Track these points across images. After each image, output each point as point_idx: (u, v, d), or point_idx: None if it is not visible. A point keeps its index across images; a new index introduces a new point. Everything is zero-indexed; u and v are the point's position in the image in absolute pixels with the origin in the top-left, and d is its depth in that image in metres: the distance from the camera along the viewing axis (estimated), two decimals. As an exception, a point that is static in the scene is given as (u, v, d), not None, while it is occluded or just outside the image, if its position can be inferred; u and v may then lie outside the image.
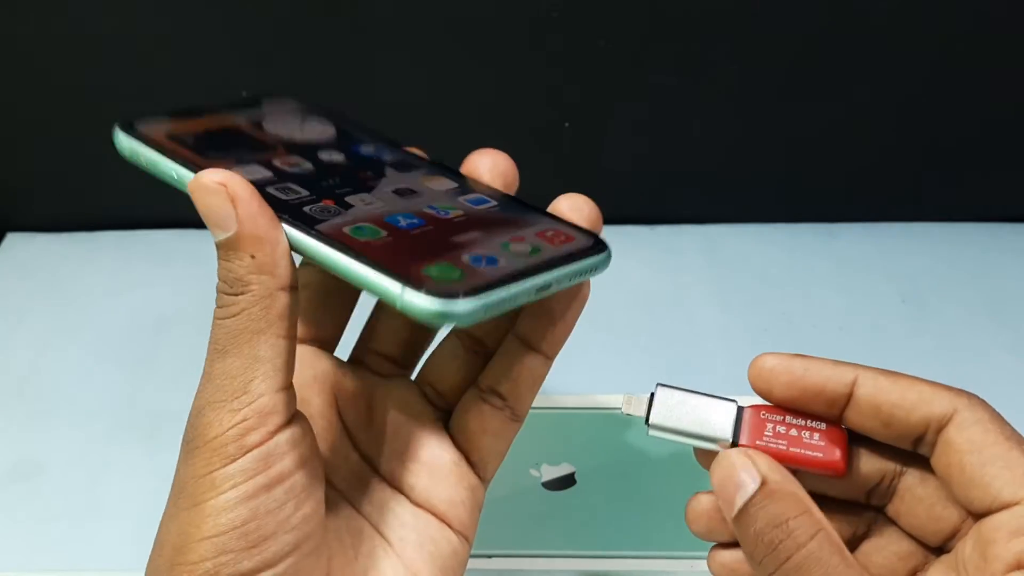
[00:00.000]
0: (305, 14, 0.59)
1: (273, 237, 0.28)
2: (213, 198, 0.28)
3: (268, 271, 0.28)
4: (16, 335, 0.58)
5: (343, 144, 0.35)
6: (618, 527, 0.44)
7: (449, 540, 0.32)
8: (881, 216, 0.66)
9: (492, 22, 0.59)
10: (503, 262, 0.29)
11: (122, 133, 0.33)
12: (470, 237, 0.30)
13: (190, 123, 0.34)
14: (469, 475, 0.33)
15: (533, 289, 0.28)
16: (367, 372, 0.35)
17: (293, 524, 0.28)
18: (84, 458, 0.50)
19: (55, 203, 0.65)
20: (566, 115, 0.62)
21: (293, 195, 0.31)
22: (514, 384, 0.32)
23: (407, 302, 0.26)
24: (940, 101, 0.62)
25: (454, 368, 0.34)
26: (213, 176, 0.28)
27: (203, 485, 0.28)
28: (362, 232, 0.29)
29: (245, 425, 0.28)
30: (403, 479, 0.33)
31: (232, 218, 0.28)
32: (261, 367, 0.28)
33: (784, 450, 0.30)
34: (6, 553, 0.46)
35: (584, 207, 0.32)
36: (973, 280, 0.62)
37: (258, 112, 0.37)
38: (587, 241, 0.30)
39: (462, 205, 0.32)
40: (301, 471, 0.29)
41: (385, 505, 0.33)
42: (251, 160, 0.33)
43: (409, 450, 0.33)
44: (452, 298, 0.26)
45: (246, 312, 0.28)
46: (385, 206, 0.31)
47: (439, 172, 0.34)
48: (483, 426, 0.33)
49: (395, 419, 0.34)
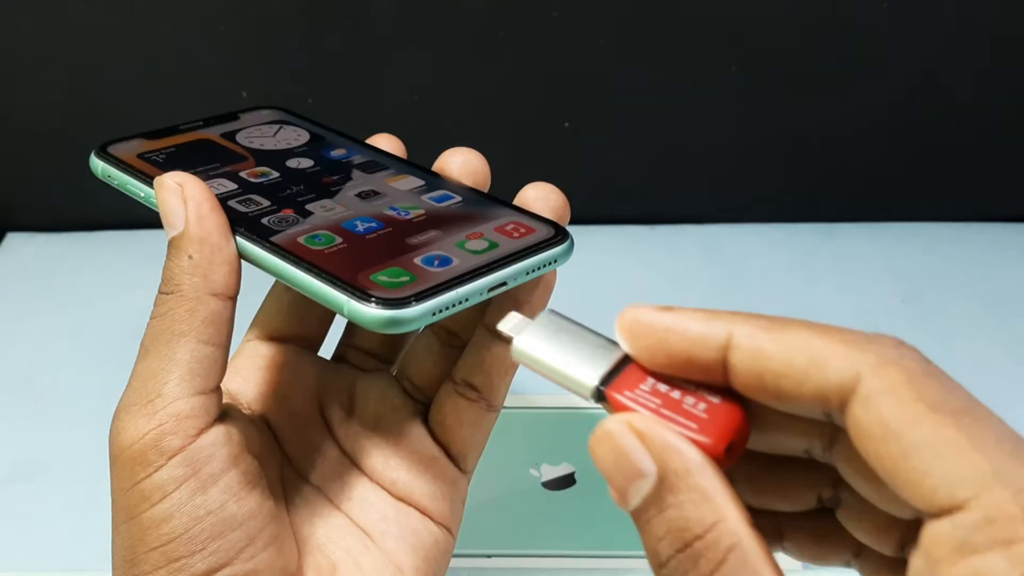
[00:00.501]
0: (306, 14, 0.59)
1: (215, 241, 0.28)
2: (168, 196, 0.29)
3: (202, 274, 0.28)
4: (16, 335, 0.58)
5: (314, 151, 0.36)
6: (618, 527, 0.44)
7: (431, 532, 0.32)
8: (881, 216, 0.66)
9: (492, 22, 0.59)
10: (457, 261, 0.29)
11: (96, 158, 0.34)
12: (426, 237, 0.30)
13: (163, 142, 0.35)
14: (449, 468, 0.33)
15: (485, 288, 0.28)
16: (349, 368, 0.35)
17: (239, 521, 0.28)
18: (84, 458, 0.50)
19: (55, 203, 0.65)
20: (566, 115, 0.62)
21: (253, 207, 0.31)
22: (486, 375, 0.32)
23: (352, 310, 0.27)
24: (940, 101, 0.62)
25: (430, 362, 0.34)
26: (173, 177, 0.29)
27: (133, 497, 0.27)
28: (316, 241, 0.30)
29: (161, 430, 0.27)
30: (384, 474, 0.33)
31: (181, 217, 0.29)
32: (177, 370, 0.28)
33: (653, 410, 0.23)
34: (6, 553, 0.46)
35: (551, 196, 0.31)
36: (973, 280, 0.61)
37: (234, 125, 0.37)
38: (547, 232, 0.30)
39: (424, 204, 0.32)
40: (234, 468, 0.28)
41: (366, 500, 0.32)
42: (217, 174, 0.33)
43: (389, 445, 0.33)
44: (398, 307, 0.26)
45: (171, 312, 0.28)
46: (346, 211, 0.31)
47: (407, 171, 0.34)
48: (459, 419, 0.33)
49: (375, 414, 0.34)
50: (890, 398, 0.20)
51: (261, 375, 0.33)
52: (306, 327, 0.34)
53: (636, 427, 0.22)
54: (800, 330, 0.22)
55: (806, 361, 0.21)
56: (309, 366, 0.34)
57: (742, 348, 0.22)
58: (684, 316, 0.23)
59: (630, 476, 0.22)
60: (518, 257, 0.29)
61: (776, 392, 0.22)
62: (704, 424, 0.22)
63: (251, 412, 0.33)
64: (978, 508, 0.19)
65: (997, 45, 0.60)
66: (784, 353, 0.22)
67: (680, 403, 0.23)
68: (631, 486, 0.22)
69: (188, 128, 0.36)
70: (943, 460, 0.19)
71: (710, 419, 0.22)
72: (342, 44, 0.59)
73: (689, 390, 0.23)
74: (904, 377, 0.20)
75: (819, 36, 0.59)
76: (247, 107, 0.38)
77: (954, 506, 0.19)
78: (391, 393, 0.34)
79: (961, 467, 0.19)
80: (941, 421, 0.20)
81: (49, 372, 0.56)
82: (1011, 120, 0.62)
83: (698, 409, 0.23)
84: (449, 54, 0.60)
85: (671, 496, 0.21)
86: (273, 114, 0.38)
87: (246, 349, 0.34)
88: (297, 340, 0.34)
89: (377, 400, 0.34)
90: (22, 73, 0.61)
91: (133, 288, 0.64)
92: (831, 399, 0.21)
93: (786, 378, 0.21)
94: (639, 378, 0.23)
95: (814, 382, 0.21)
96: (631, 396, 0.23)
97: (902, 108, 0.62)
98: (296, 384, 0.33)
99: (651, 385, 0.23)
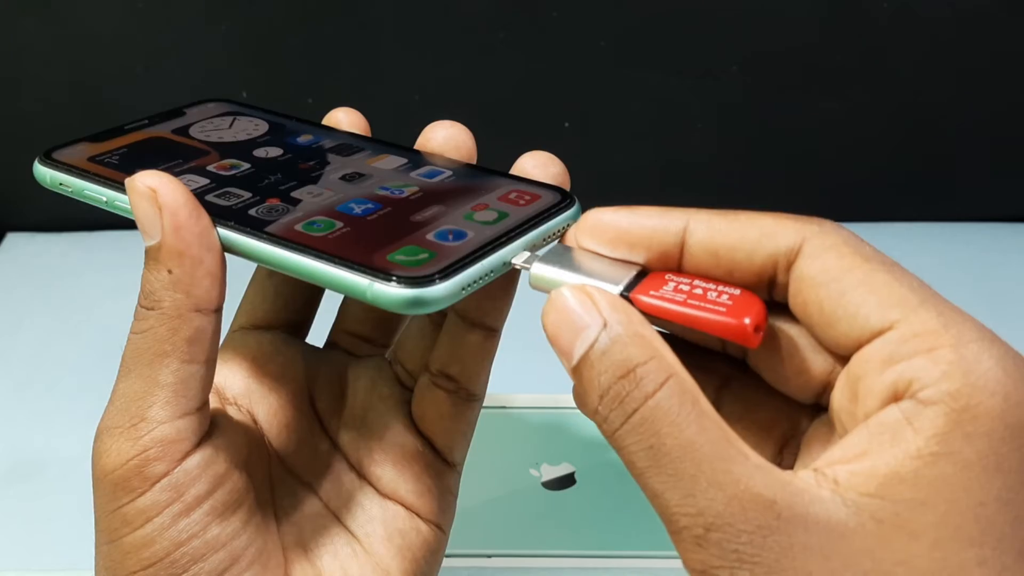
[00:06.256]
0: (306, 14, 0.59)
1: (196, 254, 0.26)
2: (142, 202, 0.27)
3: (183, 290, 0.26)
4: (16, 335, 0.58)
5: (278, 138, 0.34)
6: (618, 527, 0.44)
7: (419, 531, 0.31)
8: (881, 216, 0.66)
9: (492, 22, 0.59)
10: (472, 234, 0.27)
11: (41, 165, 0.32)
12: (431, 213, 0.28)
13: (113, 143, 0.33)
14: (435, 462, 0.32)
15: (508, 258, 0.27)
16: (341, 354, 0.34)
17: (222, 542, 0.27)
18: (84, 458, 0.50)
19: (55, 203, 0.65)
20: (566, 115, 0.62)
21: (235, 199, 0.29)
22: (462, 364, 0.31)
23: (377, 294, 0.25)
24: (940, 101, 0.62)
25: (424, 347, 0.32)
26: (145, 179, 0.27)
27: (115, 521, 0.27)
28: (316, 227, 0.28)
29: (146, 456, 0.26)
30: (370, 469, 0.32)
31: (157, 226, 0.27)
32: (161, 393, 0.26)
33: (681, 303, 0.24)
34: (6, 553, 0.46)
35: (550, 164, 0.30)
36: (973, 280, 0.61)
37: (182, 120, 0.35)
38: (553, 197, 0.29)
39: (415, 181, 0.30)
40: (220, 489, 0.27)
41: (352, 498, 0.32)
42: (183, 170, 0.31)
43: (375, 438, 0.32)
44: (424, 284, 0.25)
45: (152, 331, 0.27)
46: (335, 195, 0.30)
47: (385, 150, 0.32)
48: (439, 411, 0.32)
49: (364, 404, 0.32)
50: (832, 252, 0.24)
51: (248, 367, 0.32)
52: (292, 312, 0.33)
53: (583, 290, 0.24)
54: (748, 213, 0.25)
55: (759, 234, 0.25)
56: (298, 355, 0.33)
57: (699, 230, 0.25)
58: (642, 212, 0.26)
59: (576, 330, 0.24)
60: (532, 224, 0.28)
61: (729, 264, 0.25)
62: (731, 309, 0.24)
63: (238, 407, 0.31)
64: (906, 325, 0.22)
65: (997, 45, 0.60)
66: (738, 230, 0.25)
67: (704, 296, 0.25)
68: (577, 339, 0.23)
69: (134, 128, 0.34)
70: (877, 293, 0.23)
71: (736, 305, 0.24)
72: (342, 44, 0.59)
73: (708, 288, 0.25)
74: (842, 238, 0.24)
75: (819, 36, 0.59)
76: (189, 103, 0.36)
77: (884, 327, 0.23)
78: (381, 382, 0.33)
79: (891, 296, 0.23)
80: (874, 267, 0.23)
81: (49, 372, 0.56)
82: (1011, 120, 0.62)
83: (722, 299, 0.25)
84: (449, 54, 0.60)
85: (614, 343, 0.23)
86: (220, 106, 0.36)
87: (232, 340, 0.33)
88: (284, 327, 0.33)
89: (366, 390, 0.33)
90: (22, 73, 0.61)
91: (133, 288, 0.64)
92: (780, 261, 0.24)
93: (739, 250, 0.25)
94: (660, 283, 0.25)
95: (766, 250, 0.24)
96: (656, 295, 0.25)
97: (902, 108, 0.62)
98: (285, 375, 0.32)
99: (673, 286, 0.25)
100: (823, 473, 0.22)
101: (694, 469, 0.22)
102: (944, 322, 0.22)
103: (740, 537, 0.21)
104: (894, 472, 0.21)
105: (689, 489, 0.22)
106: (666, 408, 0.22)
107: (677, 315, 0.24)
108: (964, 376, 0.21)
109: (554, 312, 0.24)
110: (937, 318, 0.22)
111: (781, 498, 0.21)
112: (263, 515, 0.29)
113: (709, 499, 0.22)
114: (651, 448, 0.22)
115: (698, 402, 0.23)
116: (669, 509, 0.22)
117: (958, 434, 0.21)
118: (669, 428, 0.22)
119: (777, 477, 0.22)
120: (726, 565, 0.22)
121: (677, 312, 0.24)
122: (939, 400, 0.21)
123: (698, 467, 0.22)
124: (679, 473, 0.22)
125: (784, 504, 0.21)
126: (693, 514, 0.22)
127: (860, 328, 0.23)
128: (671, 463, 0.22)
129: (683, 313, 0.24)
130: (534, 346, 0.33)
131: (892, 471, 0.21)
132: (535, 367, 0.36)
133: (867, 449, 0.22)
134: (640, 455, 0.23)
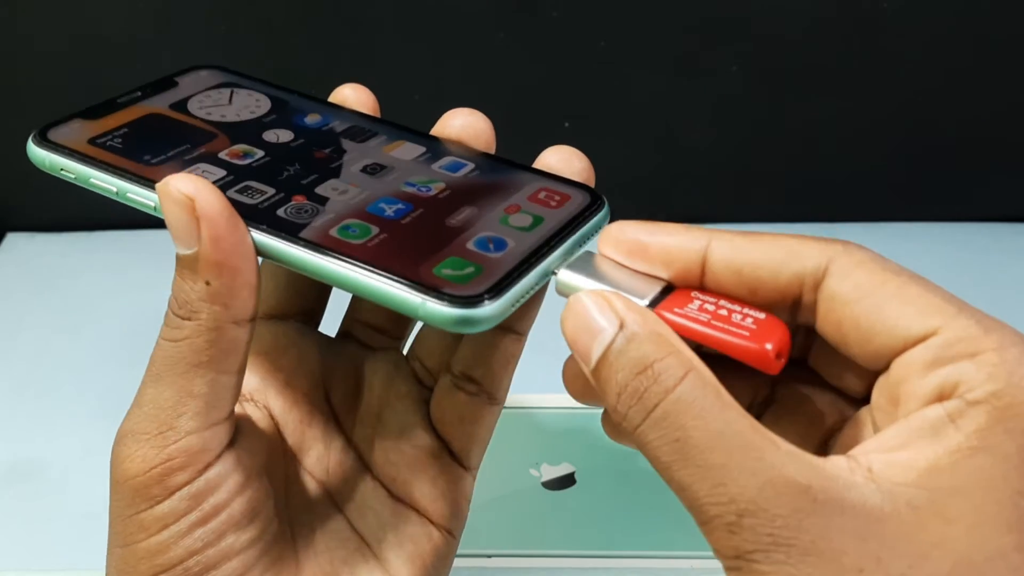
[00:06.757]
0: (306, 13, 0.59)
1: (235, 265, 0.26)
2: (177, 209, 0.26)
3: (222, 302, 0.26)
4: (16, 335, 0.58)
5: (285, 119, 0.32)
6: (618, 527, 0.44)
7: (430, 536, 0.31)
8: (881, 216, 0.66)
9: (492, 22, 0.59)
10: (512, 243, 0.27)
11: (37, 147, 0.30)
12: (464, 216, 0.28)
13: (108, 121, 0.31)
14: (451, 466, 0.32)
15: (549, 270, 0.26)
16: (356, 346, 0.33)
17: (236, 551, 0.27)
18: (84, 458, 0.50)
19: (55, 203, 0.65)
20: (566, 115, 0.62)
21: (259, 196, 0.28)
22: (487, 368, 0.31)
23: (429, 312, 0.25)
24: (940, 100, 0.62)
25: (444, 346, 0.32)
26: (180, 185, 0.26)
27: (132, 526, 0.26)
28: (351, 232, 0.27)
29: (169, 466, 0.26)
30: (384, 469, 0.31)
31: (194, 236, 0.25)
32: (193, 403, 0.26)
33: (705, 323, 0.24)
34: (6, 553, 0.46)
35: (574, 160, 0.30)
36: (973, 280, 0.61)
37: (177, 93, 0.33)
38: (584, 198, 0.28)
39: (440, 175, 0.30)
40: (239, 498, 0.27)
41: (365, 501, 0.31)
42: (194, 158, 0.30)
43: (390, 438, 0.31)
44: (475, 304, 0.24)
45: (189, 341, 0.26)
46: (361, 192, 0.29)
47: (400, 135, 0.31)
48: (460, 414, 0.31)
49: (379, 401, 0.32)
50: (861, 269, 0.24)
51: (264, 361, 0.31)
52: (305, 300, 0.33)
53: (600, 294, 0.25)
54: (771, 234, 0.25)
55: (783, 253, 0.25)
56: (313, 347, 0.32)
57: (722, 248, 0.25)
58: (665, 229, 0.26)
59: (594, 333, 0.24)
60: (568, 230, 0.27)
61: (752, 283, 0.25)
62: (755, 333, 0.24)
63: (254, 403, 0.31)
64: (948, 331, 0.23)
65: (997, 45, 0.60)
66: (762, 249, 0.25)
67: (728, 318, 0.25)
68: (594, 341, 0.24)
69: (127, 101, 0.32)
70: (914, 303, 0.23)
71: (759, 329, 0.24)
72: (342, 44, 0.59)
73: (733, 310, 0.25)
74: (868, 256, 0.25)
75: (819, 36, 0.59)
76: (179, 71, 0.34)
77: (927, 333, 0.23)
78: (398, 379, 0.32)
79: (929, 305, 0.23)
80: (905, 281, 0.24)
81: (49, 372, 0.56)
82: (1011, 120, 0.62)
83: (746, 322, 0.25)
84: (449, 54, 0.60)
85: (630, 342, 0.24)
86: (213, 75, 0.34)
87: None
88: (297, 315, 0.33)
89: (382, 386, 0.32)
90: (22, 72, 0.61)
91: (133, 288, 0.64)
92: (807, 280, 0.25)
93: (763, 268, 0.25)
94: (686, 300, 0.25)
95: (792, 269, 0.25)
96: (680, 313, 0.25)
97: (902, 108, 0.62)
98: (300, 368, 0.32)
99: (698, 305, 0.25)
100: (856, 460, 0.22)
101: (724, 458, 0.22)
102: (984, 328, 0.23)
103: (775, 521, 0.22)
104: (933, 464, 0.22)
105: (719, 478, 0.22)
106: (689, 400, 0.23)
107: (700, 335, 0.25)
108: (1008, 377, 0.22)
109: (572, 317, 0.25)
110: (977, 325, 0.23)
111: (815, 482, 0.22)
112: (279, 522, 0.29)
113: (741, 486, 0.22)
114: (677, 441, 0.22)
115: (720, 394, 0.23)
116: (698, 500, 0.22)
117: (999, 429, 0.22)
118: (695, 420, 0.22)
119: (809, 462, 0.22)
120: (760, 548, 0.22)
121: (700, 332, 0.25)
122: (984, 400, 0.22)
123: (728, 456, 0.22)
124: (708, 463, 0.22)
125: (819, 488, 0.22)
126: (725, 502, 0.22)
127: (901, 337, 0.23)
128: (699, 454, 0.22)
129: (706, 334, 0.24)
130: (534, 347, 0.33)
131: (931, 463, 0.22)
132: (535, 368, 0.36)
133: (906, 442, 0.22)
134: (665, 449, 0.23)
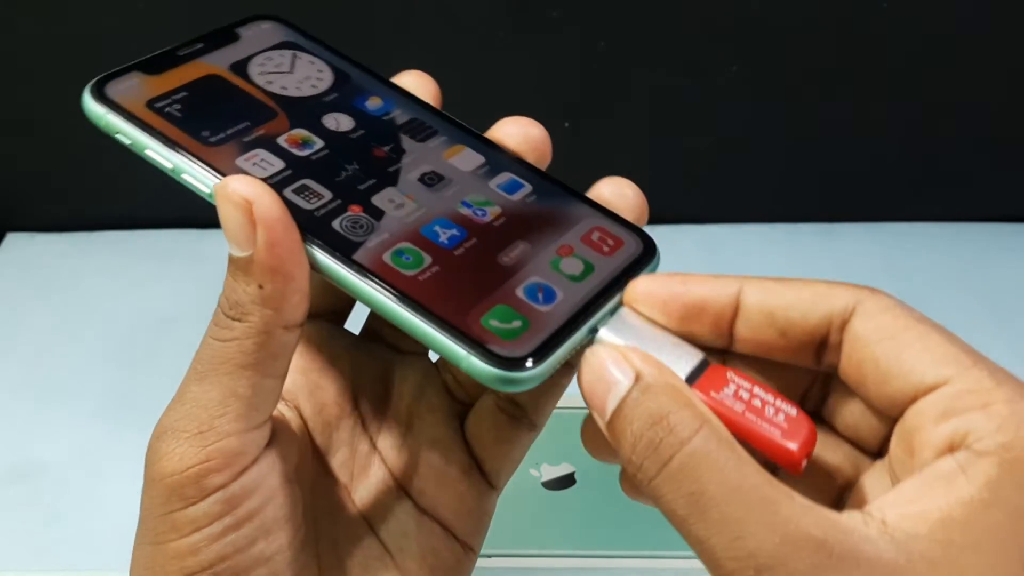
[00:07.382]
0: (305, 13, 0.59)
1: (289, 271, 0.26)
2: (235, 212, 0.25)
3: (274, 306, 0.26)
4: (16, 335, 0.58)
5: (345, 100, 0.32)
6: (618, 527, 0.44)
7: (453, 551, 0.31)
8: (881, 216, 0.66)
9: (492, 23, 0.59)
10: (560, 295, 0.26)
11: (95, 102, 0.29)
12: (517, 254, 0.27)
13: (168, 79, 0.30)
14: (480, 483, 0.31)
15: (592, 329, 0.26)
16: (384, 348, 0.33)
17: (266, 557, 0.27)
18: (84, 458, 0.50)
19: (55, 203, 0.65)
20: (566, 115, 0.62)
21: (315, 200, 0.28)
22: (534, 394, 0.29)
23: (472, 366, 0.24)
24: (940, 101, 0.62)
25: None
26: (239, 188, 0.25)
27: (163, 524, 0.26)
28: (403, 260, 0.27)
29: (207, 467, 0.26)
30: (411, 481, 0.31)
31: (250, 240, 0.25)
32: (236, 404, 0.26)
33: (739, 414, 0.25)
34: (6, 553, 0.46)
35: (629, 194, 0.29)
36: (973, 280, 0.62)
37: (239, 50, 0.32)
38: (636, 246, 0.28)
39: (497, 197, 0.29)
40: (271, 504, 0.27)
41: (389, 510, 0.31)
42: (252, 141, 0.29)
43: (420, 450, 0.31)
44: (519, 367, 0.24)
45: (238, 342, 0.26)
46: (417, 209, 0.28)
47: (460, 139, 0.31)
48: (499, 436, 0.31)
49: (409, 410, 0.32)
50: (887, 313, 0.25)
51: (297, 362, 0.31)
52: (335, 299, 0.32)
53: (616, 348, 0.25)
54: (801, 279, 0.26)
55: (813, 295, 0.25)
56: (343, 348, 0.32)
57: (754, 293, 0.26)
58: (695, 280, 0.26)
59: (609, 385, 0.24)
60: (617, 285, 0.27)
61: (784, 325, 0.26)
62: (786, 432, 0.25)
63: (286, 404, 0.31)
64: (961, 381, 0.23)
65: (996, 45, 0.60)
66: (793, 291, 0.26)
67: (762, 410, 0.25)
68: (609, 394, 0.24)
69: (188, 54, 0.31)
70: (932, 351, 0.24)
71: (790, 428, 0.25)
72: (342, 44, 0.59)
73: (767, 400, 0.25)
74: (894, 301, 0.25)
75: (819, 36, 0.59)
76: (241, 20, 0.34)
77: (940, 382, 0.23)
78: (430, 390, 0.32)
79: (946, 355, 0.24)
80: (927, 328, 0.24)
81: (49, 372, 0.56)
82: (1011, 120, 0.62)
83: (779, 418, 0.25)
84: (449, 54, 0.60)
85: (645, 394, 0.24)
86: (276, 30, 0.33)
87: None
88: (327, 314, 0.32)
89: (412, 395, 0.32)
90: (22, 73, 0.61)
91: (133, 288, 0.65)
92: (834, 321, 0.25)
93: (794, 310, 0.25)
94: (722, 381, 0.25)
95: (821, 310, 0.25)
96: (716, 398, 0.25)
97: (902, 108, 0.62)
98: (331, 370, 0.31)
99: (733, 390, 0.25)
100: (870, 514, 0.23)
101: (742, 512, 0.22)
102: (997, 380, 0.23)
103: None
104: (946, 516, 0.22)
105: (737, 532, 0.22)
106: (705, 453, 0.23)
107: (735, 424, 0.25)
108: (1016, 429, 0.22)
109: (589, 370, 0.25)
110: (990, 377, 0.23)
111: (832, 536, 0.22)
112: (306, 531, 0.29)
113: (760, 540, 0.22)
114: (692, 494, 0.22)
115: (735, 447, 0.23)
116: (715, 554, 0.22)
117: (1009, 482, 0.22)
118: (711, 473, 0.22)
119: (825, 516, 0.22)
120: None
121: (735, 421, 0.25)
122: (993, 451, 0.22)
123: (746, 510, 0.22)
124: (725, 517, 0.22)
125: (835, 541, 0.22)
126: (743, 556, 0.22)
127: (915, 384, 0.24)
128: (716, 507, 0.22)
129: (740, 424, 0.25)
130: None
131: (944, 515, 0.22)
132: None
133: (919, 495, 0.23)
134: (680, 502, 0.23)
